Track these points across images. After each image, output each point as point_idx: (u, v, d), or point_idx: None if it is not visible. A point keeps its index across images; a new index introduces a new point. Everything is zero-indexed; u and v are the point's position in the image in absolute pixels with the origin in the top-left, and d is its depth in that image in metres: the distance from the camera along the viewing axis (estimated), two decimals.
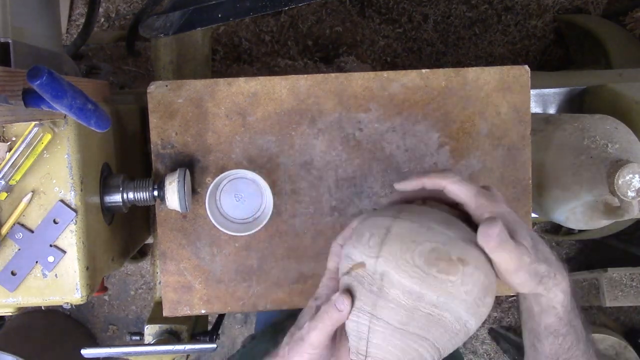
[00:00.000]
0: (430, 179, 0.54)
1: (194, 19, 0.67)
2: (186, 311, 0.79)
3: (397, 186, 0.57)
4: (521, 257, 0.49)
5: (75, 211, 0.67)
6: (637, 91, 1.04)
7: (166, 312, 0.79)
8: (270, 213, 0.75)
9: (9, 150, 0.64)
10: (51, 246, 0.67)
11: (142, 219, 0.97)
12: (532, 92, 1.13)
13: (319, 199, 0.79)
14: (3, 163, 0.63)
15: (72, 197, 0.67)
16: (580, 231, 1.51)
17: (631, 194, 0.80)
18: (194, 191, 0.78)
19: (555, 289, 0.53)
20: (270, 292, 0.80)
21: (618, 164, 0.81)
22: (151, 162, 0.78)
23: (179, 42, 1.03)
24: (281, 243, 0.79)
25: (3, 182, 0.64)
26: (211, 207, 0.75)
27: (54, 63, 0.72)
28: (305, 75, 0.78)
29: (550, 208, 0.93)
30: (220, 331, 1.02)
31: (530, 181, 0.80)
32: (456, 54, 1.82)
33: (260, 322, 1.17)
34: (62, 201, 0.66)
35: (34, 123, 0.63)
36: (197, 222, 0.78)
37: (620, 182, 0.80)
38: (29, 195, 0.66)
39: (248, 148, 0.78)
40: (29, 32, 0.64)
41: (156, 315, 0.96)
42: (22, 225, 0.67)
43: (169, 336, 0.93)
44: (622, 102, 1.03)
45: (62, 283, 0.67)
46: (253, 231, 0.75)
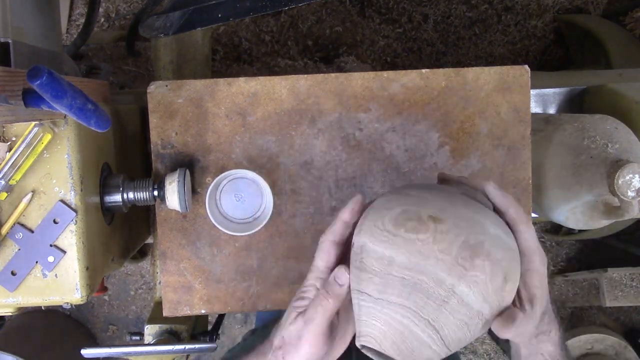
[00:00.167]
0: (515, 214, 0.51)
1: (194, 19, 0.67)
2: (186, 311, 0.79)
3: (490, 190, 0.52)
4: (526, 327, 0.49)
5: (75, 211, 0.67)
6: (637, 91, 1.04)
7: (166, 312, 0.79)
8: (270, 213, 0.75)
9: (9, 150, 0.64)
10: (51, 246, 0.67)
11: (142, 219, 0.97)
12: (532, 92, 1.13)
13: (319, 199, 0.79)
14: (3, 163, 0.63)
15: (72, 197, 0.67)
16: (580, 231, 1.50)
17: (631, 194, 0.80)
18: (194, 191, 0.78)
19: (547, 343, 0.55)
20: (270, 292, 0.80)
21: (618, 164, 0.81)
22: (151, 162, 0.78)
23: (179, 42, 1.03)
24: (281, 243, 0.79)
25: (3, 182, 0.64)
26: (211, 207, 0.75)
27: (54, 63, 0.72)
28: (305, 75, 0.78)
29: (550, 208, 0.93)
30: (220, 331, 1.02)
31: (530, 181, 0.80)
32: (456, 54, 1.82)
33: (260, 321, 1.16)
34: (62, 201, 0.66)
35: (34, 123, 0.63)
36: (197, 222, 0.78)
37: (620, 182, 0.80)
38: (29, 195, 0.66)
39: (248, 148, 0.78)
40: (29, 32, 0.64)
41: (156, 315, 0.96)
42: (22, 225, 0.67)
43: (169, 336, 0.93)
44: (622, 102, 1.03)
45: (62, 283, 0.67)
46: (253, 231, 0.75)
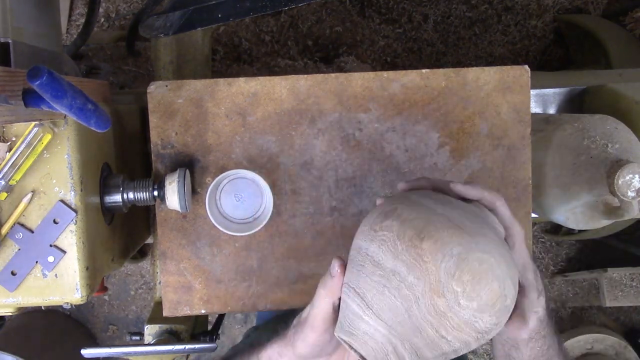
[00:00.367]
0: (489, 195, 0.54)
1: (194, 19, 0.67)
2: (186, 311, 0.79)
3: (456, 188, 0.53)
4: (532, 297, 0.53)
5: (75, 211, 0.66)
6: (637, 91, 1.04)
7: (166, 312, 0.79)
8: (270, 213, 0.75)
9: (9, 150, 0.64)
10: (51, 246, 0.67)
11: (142, 219, 0.97)
12: (532, 92, 1.13)
13: (319, 199, 0.79)
14: (3, 163, 0.63)
15: (72, 197, 0.67)
16: (580, 231, 1.50)
17: (631, 194, 0.80)
18: (194, 191, 0.78)
19: (541, 297, 0.55)
20: (270, 292, 0.80)
21: (618, 164, 0.81)
22: (151, 162, 0.78)
23: (179, 42, 1.03)
24: (281, 243, 0.79)
25: (3, 182, 0.64)
26: (211, 207, 0.75)
27: (54, 63, 0.72)
28: (305, 75, 0.78)
29: (550, 208, 0.93)
30: (220, 331, 1.02)
31: (530, 181, 0.80)
32: (456, 54, 1.82)
33: (260, 320, 1.16)
34: (62, 201, 0.66)
35: (34, 123, 0.63)
36: (197, 222, 0.78)
37: (620, 182, 0.80)
38: (29, 195, 0.66)
39: (248, 148, 0.78)
40: (29, 32, 0.64)
41: (156, 315, 0.96)
42: (22, 225, 0.67)
43: (169, 336, 0.93)
44: (622, 102, 1.03)
45: (62, 283, 0.67)
46: (253, 231, 0.75)
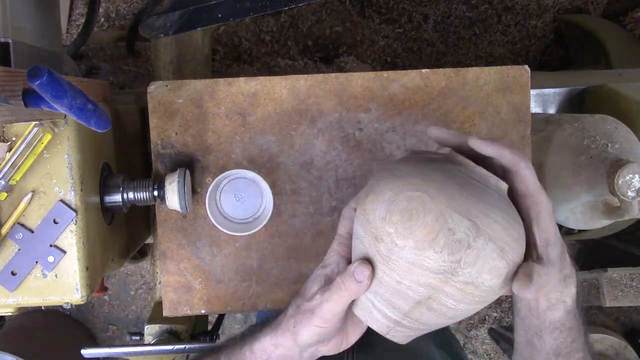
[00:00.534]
0: (511, 154, 0.50)
1: (194, 19, 0.67)
2: (186, 311, 0.79)
3: (471, 141, 0.50)
4: (550, 278, 0.49)
5: (75, 211, 0.66)
6: (637, 91, 1.04)
7: (166, 312, 0.79)
8: (270, 213, 0.75)
9: (9, 150, 0.64)
10: (51, 246, 0.67)
11: (142, 219, 0.97)
12: (532, 92, 1.13)
13: (319, 199, 0.79)
14: (3, 163, 0.63)
15: (72, 197, 0.67)
16: (580, 231, 1.50)
17: (631, 194, 0.80)
18: (194, 191, 0.78)
19: (570, 286, 0.52)
20: (270, 292, 0.80)
21: (618, 164, 0.81)
22: (151, 162, 0.78)
23: (179, 42, 1.03)
24: (281, 243, 0.79)
25: (3, 182, 0.64)
26: (211, 207, 0.75)
27: (54, 63, 0.72)
28: (305, 75, 0.78)
29: None
30: (220, 331, 1.02)
31: None
32: (456, 54, 1.82)
33: (260, 320, 1.16)
34: (62, 201, 0.66)
35: (34, 123, 0.63)
36: (197, 222, 0.78)
37: (620, 182, 0.80)
38: (29, 195, 0.66)
39: (248, 148, 0.78)
40: (29, 32, 0.64)
41: (156, 315, 0.96)
42: (22, 225, 0.67)
43: (169, 336, 0.93)
44: (622, 102, 1.03)
45: (62, 283, 0.67)
46: (253, 231, 0.75)
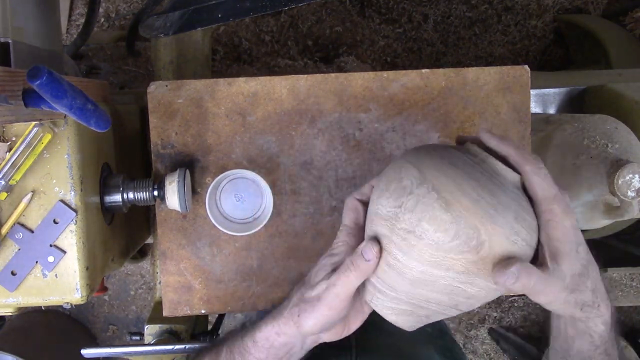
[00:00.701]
0: (516, 156, 0.49)
1: (194, 19, 0.67)
2: (186, 311, 0.79)
3: (482, 135, 0.50)
4: (551, 288, 0.47)
5: (75, 211, 0.66)
6: (637, 91, 1.04)
7: (166, 312, 0.79)
8: (270, 213, 0.75)
9: (9, 150, 0.64)
10: (51, 246, 0.67)
11: (142, 219, 0.97)
12: (532, 92, 1.13)
13: (319, 199, 0.79)
14: (3, 163, 0.63)
15: (72, 197, 0.67)
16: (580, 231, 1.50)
17: (631, 194, 0.80)
18: (194, 191, 0.78)
19: (596, 320, 0.51)
20: (270, 292, 0.80)
21: (618, 164, 0.81)
22: (151, 162, 0.78)
23: (179, 42, 1.03)
24: (281, 243, 0.79)
25: (3, 182, 0.63)
26: (211, 207, 0.75)
27: (54, 63, 0.72)
28: (305, 75, 0.78)
29: None
30: (220, 331, 1.02)
31: None
32: (456, 54, 1.82)
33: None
34: (62, 201, 0.66)
35: (34, 123, 0.63)
36: (197, 222, 0.78)
37: (620, 182, 0.80)
38: (29, 195, 0.66)
39: (248, 148, 0.78)
40: (29, 32, 0.64)
41: (156, 315, 0.96)
42: (22, 225, 0.67)
43: (169, 336, 0.93)
44: (622, 102, 1.03)
45: (62, 283, 0.67)
46: (253, 231, 0.75)
